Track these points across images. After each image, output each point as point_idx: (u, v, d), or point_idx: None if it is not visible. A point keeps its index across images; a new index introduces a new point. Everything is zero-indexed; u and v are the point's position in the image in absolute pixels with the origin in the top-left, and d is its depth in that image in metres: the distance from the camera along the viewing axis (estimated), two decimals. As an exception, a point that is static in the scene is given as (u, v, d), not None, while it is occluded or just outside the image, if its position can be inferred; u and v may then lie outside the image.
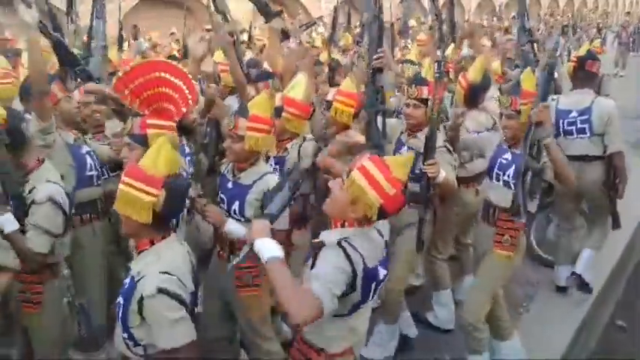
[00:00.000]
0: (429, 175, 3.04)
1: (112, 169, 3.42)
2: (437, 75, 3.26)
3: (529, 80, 3.17)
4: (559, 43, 3.95)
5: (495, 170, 3.27)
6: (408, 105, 3.40)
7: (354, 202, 1.87)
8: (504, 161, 3.22)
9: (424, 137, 3.13)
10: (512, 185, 3.11)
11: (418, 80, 3.42)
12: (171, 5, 14.28)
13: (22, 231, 2.45)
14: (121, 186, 1.90)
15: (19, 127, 2.54)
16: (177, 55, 6.13)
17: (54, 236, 2.53)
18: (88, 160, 3.19)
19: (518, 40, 5.24)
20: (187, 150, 3.20)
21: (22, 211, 2.46)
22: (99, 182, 3.27)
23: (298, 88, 3.30)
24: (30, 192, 2.50)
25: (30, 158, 2.58)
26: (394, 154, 3.33)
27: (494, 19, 16.67)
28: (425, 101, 3.33)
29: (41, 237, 2.48)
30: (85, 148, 3.21)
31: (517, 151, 3.14)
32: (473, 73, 4.03)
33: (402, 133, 3.52)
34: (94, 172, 3.21)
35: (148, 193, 1.86)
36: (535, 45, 5.12)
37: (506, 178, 3.18)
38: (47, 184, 2.54)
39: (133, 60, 5.28)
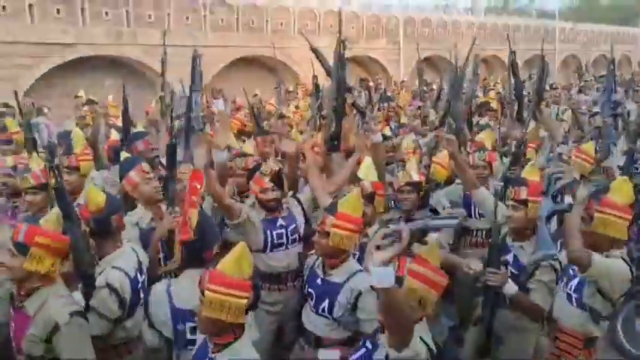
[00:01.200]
0: (490, 284, 2.85)
1: None
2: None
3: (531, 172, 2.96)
4: None
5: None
6: (507, 206, 3.15)
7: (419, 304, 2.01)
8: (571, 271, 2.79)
9: (530, 252, 2.97)
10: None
11: (516, 180, 3.19)
12: (258, 66, 15.30)
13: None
14: (210, 294, 1.95)
15: (110, 219, 2.63)
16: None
17: (110, 321, 2.54)
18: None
19: (601, 111, 5.06)
20: None
21: (90, 292, 2.50)
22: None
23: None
24: (99, 274, 2.56)
25: (110, 245, 2.67)
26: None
27: (578, 77, 16.30)
28: (525, 202, 3.02)
29: (97, 320, 2.49)
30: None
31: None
32: None
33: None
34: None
35: (242, 297, 1.96)
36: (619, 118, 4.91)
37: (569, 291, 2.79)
38: (112, 270, 2.58)
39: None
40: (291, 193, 3.60)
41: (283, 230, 3.39)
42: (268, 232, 3.36)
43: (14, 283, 2.37)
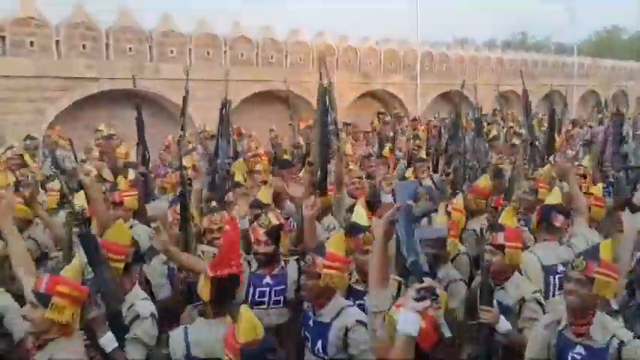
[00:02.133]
0: (484, 321, 2.83)
1: None
2: None
3: (607, 249, 2.57)
4: None
5: None
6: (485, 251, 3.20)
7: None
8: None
9: (512, 291, 2.98)
10: None
11: (494, 226, 3.25)
12: (276, 100, 15.49)
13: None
14: None
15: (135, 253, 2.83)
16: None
17: (149, 347, 2.68)
18: None
19: (612, 165, 4.99)
20: None
21: (119, 328, 2.60)
22: None
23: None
24: (129, 309, 2.69)
25: (129, 281, 2.82)
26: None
27: (597, 112, 16.21)
28: (502, 247, 3.05)
29: (139, 349, 2.63)
30: None
31: (591, 344, 2.47)
32: None
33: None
34: None
35: None
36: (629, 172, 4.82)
37: None
38: (145, 301, 2.78)
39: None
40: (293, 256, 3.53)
41: (267, 289, 3.29)
42: (251, 287, 3.27)
43: (33, 337, 2.40)
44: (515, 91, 23.16)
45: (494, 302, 2.91)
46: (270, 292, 3.28)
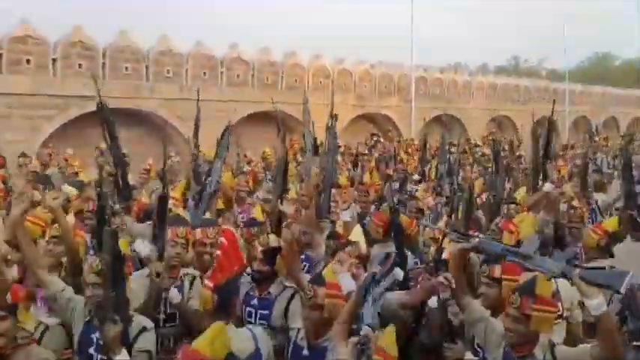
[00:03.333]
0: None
1: None
2: None
3: (543, 285, 2.49)
4: None
5: None
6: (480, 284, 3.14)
7: None
8: None
9: None
10: None
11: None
12: (272, 121, 15.54)
13: None
14: None
15: None
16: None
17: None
18: None
19: (625, 207, 4.68)
20: None
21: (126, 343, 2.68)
22: None
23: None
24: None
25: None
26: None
27: (589, 139, 16.43)
28: (499, 280, 3.01)
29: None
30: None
31: None
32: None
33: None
34: None
35: None
36: None
37: None
38: (141, 316, 2.87)
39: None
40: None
41: (253, 310, 3.31)
42: (243, 304, 3.33)
43: None
44: (508, 116, 23.47)
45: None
46: (255, 313, 3.30)
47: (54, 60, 12.23)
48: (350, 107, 17.91)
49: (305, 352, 2.88)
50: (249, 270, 3.46)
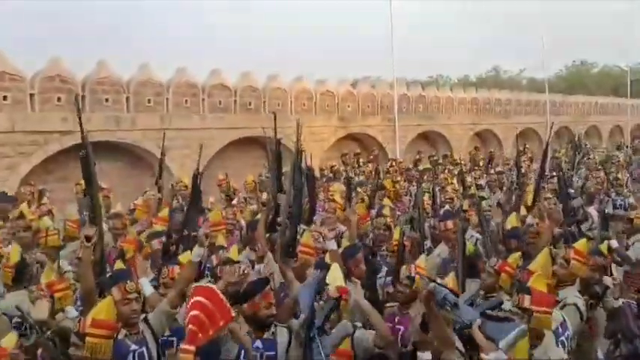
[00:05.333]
0: None
1: None
2: None
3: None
4: None
5: None
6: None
7: None
8: None
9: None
10: None
11: (522, 288, 3.22)
12: (256, 146, 15.43)
13: None
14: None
15: None
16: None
17: None
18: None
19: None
20: None
21: None
22: None
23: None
24: None
25: None
26: None
27: (573, 148, 16.51)
28: (529, 311, 3.06)
29: None
30: (132, 346, 3.28)
31: None
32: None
33: None
34: None
35: None
36: None
37: None
38: None
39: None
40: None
41: (258, 354, 3.25)
42: (242, 350, 3.23)
43: None
44: (492, 130, 23.62)
45: None
46: (261, 356, 3.23)
47: (31, 95, 12.02)
48: (334, 128, 17.88)
49: None
50: None
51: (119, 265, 4.19)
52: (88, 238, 3.57)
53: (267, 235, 4.81)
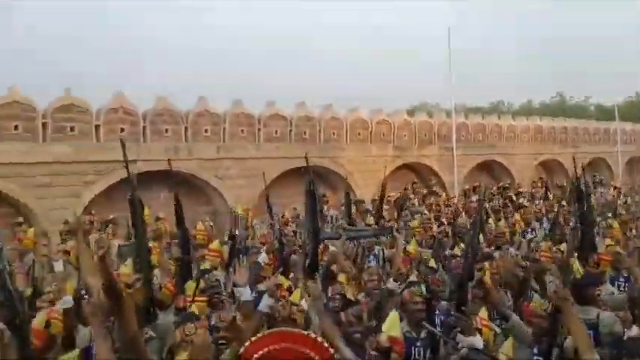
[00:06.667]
0: None
1: None
2: None
3: None
4: None
5: None
6: None
7: None
8: None
9: None
10: None
11: None
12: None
13: None
14: None
15: None
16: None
17: None
18: None
19: None
20: None
21: None
22: None
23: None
24: None
25: None
26: None
27: None
28: None
29: None
30: None
31: None
32: None
33: None
34: None
35: None
36: None
37: None
38: None
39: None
40: None
41: None
42: None
43: None
44: (557, 160, 22.56)
45: None
46: None
47: (97, 126, 12.54)
48: (389, 158, 17.60)
49: None
50: None
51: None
52: (128, 286, 3.54)
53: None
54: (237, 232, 8.30)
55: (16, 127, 11.43)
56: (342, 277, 4.89)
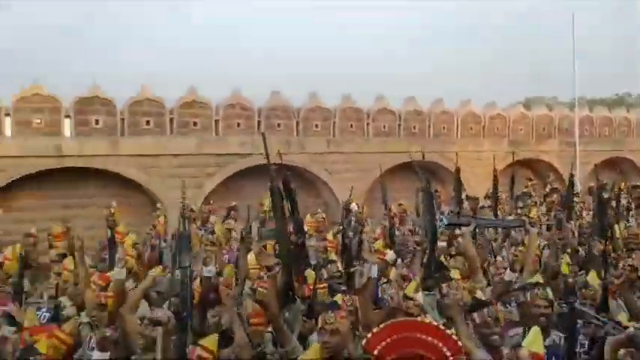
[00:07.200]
0: None
1: None
2: None
3: None
4: None
5: None
6: None
7: None
8: None
9: None
10: None
11: None
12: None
13: None
14: None
15: None
16: None
17: None
18: None
19: None
20: None
21: None
22: None
23: None
24: None
25: None
26: None
27: None
28: None
29: None
30: None
31: None
32: None
33: None
34: None
35: None
36: None
37: None
38: None
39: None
40: None
41: None
42: None
43: None
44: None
45: None
46: None
47: (216, 121, 13.36)
48: (503, 153, 16.81)
49: None
50: None
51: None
52: (269, 268, 3.75)
53: None
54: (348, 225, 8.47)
55: (147, 123, 12.53)
56: (455, 274, 4.78)
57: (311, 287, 4.36)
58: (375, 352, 2.63)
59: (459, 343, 2.66)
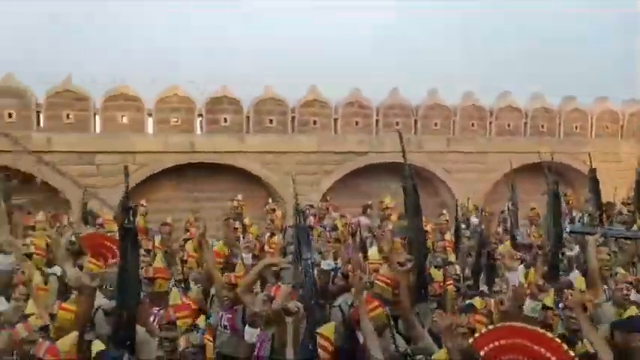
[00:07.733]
0: None
1: None
2: None
3: None
4: None
5: None
6: None
7: None
8: None
9: None
10: None
11: None
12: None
13: None
14: None
15: None
16: None
17: None
18: None
19: None
20: None
21: None
22: None
23: None
24: None
25: None
26: None
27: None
28: None
29: None
30: None
31: None
32: None
33: None
34: None
35: None
36: None
37: None
38: None
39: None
40: None
41: None
42: None
43: None
44: None
45: None
46: None
47: (335, 120, 13.63)
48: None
49: None
50: None
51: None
52: (401, 264, 3.96)
53: None
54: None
55: (270, 121, 13.12)
56: (579, 282, 4.49)
57: (441, 285, 4.38)
58: (482, 353, 2.61)
59: (571, 353, 2.56)
